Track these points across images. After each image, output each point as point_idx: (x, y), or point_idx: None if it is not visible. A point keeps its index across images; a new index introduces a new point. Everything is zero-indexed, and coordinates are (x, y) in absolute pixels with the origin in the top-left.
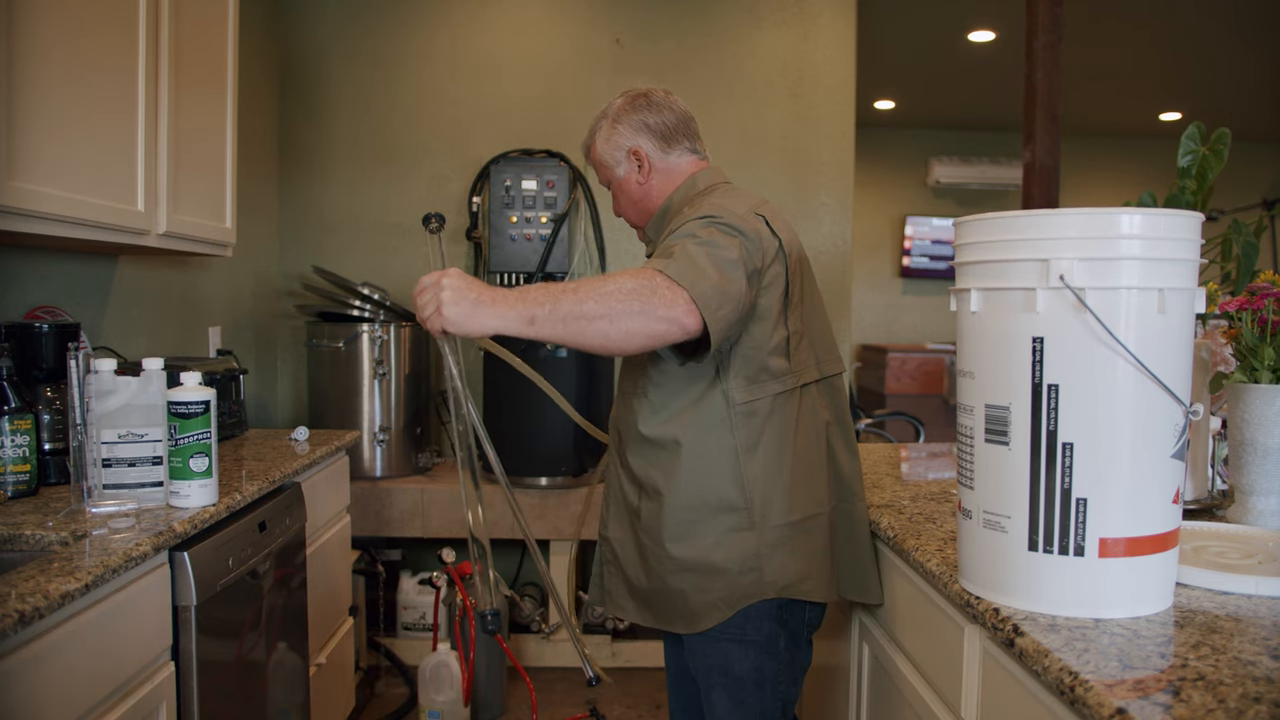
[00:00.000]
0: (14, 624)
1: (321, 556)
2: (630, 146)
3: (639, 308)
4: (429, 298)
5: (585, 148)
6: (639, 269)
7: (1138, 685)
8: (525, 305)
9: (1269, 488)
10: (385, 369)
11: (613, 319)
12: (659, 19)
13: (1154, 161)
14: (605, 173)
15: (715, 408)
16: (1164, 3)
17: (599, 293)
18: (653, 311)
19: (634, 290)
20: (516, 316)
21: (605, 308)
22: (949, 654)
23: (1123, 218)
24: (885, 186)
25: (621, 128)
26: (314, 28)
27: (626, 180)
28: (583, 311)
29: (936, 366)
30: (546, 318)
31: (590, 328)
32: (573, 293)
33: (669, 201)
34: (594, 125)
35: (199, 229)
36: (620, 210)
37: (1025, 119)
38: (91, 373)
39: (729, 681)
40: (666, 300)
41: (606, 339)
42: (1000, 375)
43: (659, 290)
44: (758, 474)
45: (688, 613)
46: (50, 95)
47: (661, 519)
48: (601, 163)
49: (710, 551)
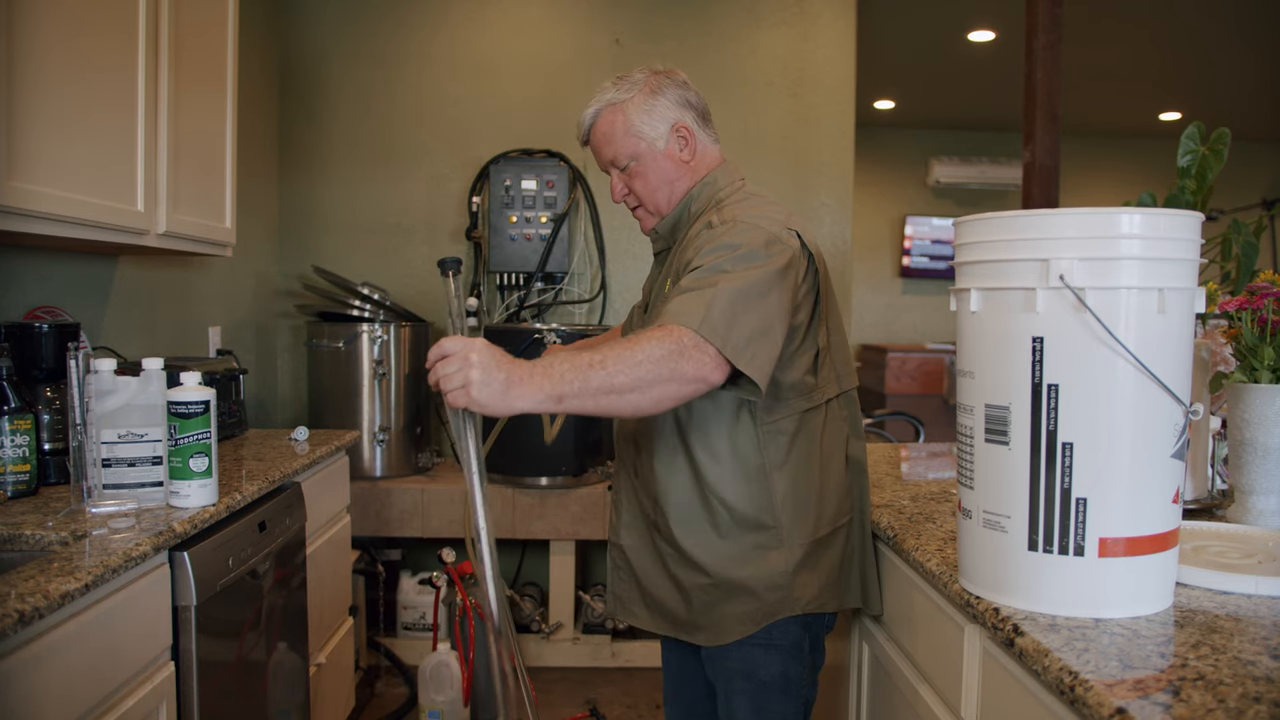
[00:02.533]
0: (14, 624)
1: (321, 556)
2: (676, 120)
3: (668, 374)
4: (455, 370)
5: (592, 118)
6: (666, 327)
7: (1138, 685)
8: (553, 384)
9: (1269, 487)
10: (385, 369)
11: (643, 390)
12: (659, 19)
13: (1154, 161)
14: (632, 145)
15: (744, 425)
16: (1164, 3)
17: (628, 364)
18: (681, 376)
19: (662, 357)
20: (545, 397)
21: (635, 379)
22: (949, 654)
23: (1123, 217)
24: (885, 186)
25: (663, 99)
26: (314, 28)
27: (666, 156)
28: (613, 385)
29: (936, 366)
30: (576, 395)
31: (621, 401)
32: (600, 367)
33: (688, 198)
34: (612, 98)
35: (199, 229)
36: (644, 190)
37: (1025, 119)
38: (91, 373)
39: (753, 687)
40: (695, 361)
41: (639, 409)
42: (1000, 375)
43: (686, 352)
44: (786, 492)
45: (711, 625)
46: (50, 95)
47: (685, 535)
48: (633, 134)
49: (736, 569)
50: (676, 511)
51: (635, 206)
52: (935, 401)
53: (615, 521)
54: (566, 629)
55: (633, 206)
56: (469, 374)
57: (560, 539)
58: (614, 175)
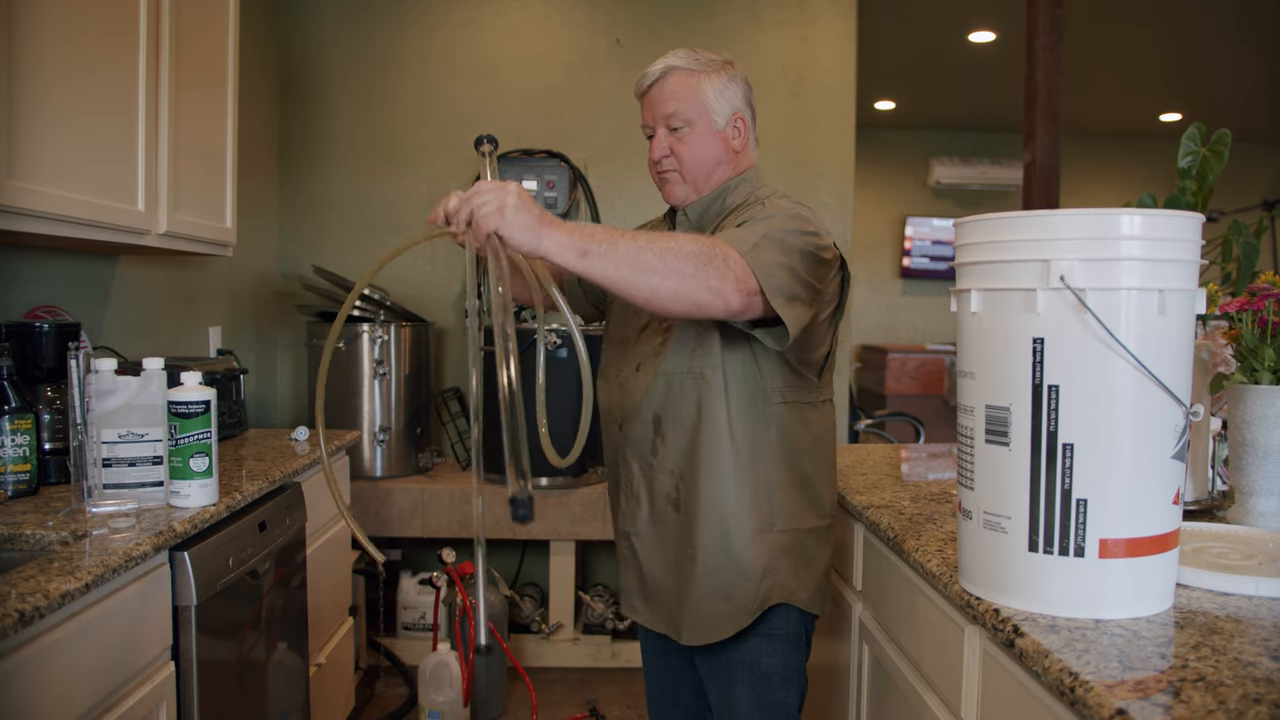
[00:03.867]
0: (14, 624)
1: (321, 556)
2: (738, 109)
3: (693, 272)
4: (490, 198)
5: (661, 73)
6: (713, 238)
7: (1138, 686)
8: (583, 237)
9: (1269, 489)
10: (385, 369)
11: (664, 275)
12: (659, 19)
13: (1154, 162)
14: (695, 111)
15: (745, 405)
16: (1164, 3)
17: (660, 246)
18: (705, 282)
19: (696, 254)
20: (572, 245)
21: (662, 262)
22: (949, 654)
23: (1123, 218)
24: (885, 187)
25: (736, 86)
26: (315, 28)
27: (720, 137)
28: (639, 259)
29: (936, 367)
30: (601, 254)
31: (641, 279)
32: (632, 239)
33: (724, 189)
34: (689, 65)
35: (199, 229)
36: (689, 158)
37: (1025, 119)
38: (92, 372)
39: (755, 678)
40: (723, 275)
41: (654, 295)
42: (1000, 376)
43: (720, 264)
44: (782, 479)
45: (701, 622)
46: (51, 94)
47: (710, 510)
48: (700, 102)
49: (743, 550)
50: (708, 487)
51: (668, 171)
52: (935, 402)
53: (627, 508)
54: (566, 629)
55: (666, 170)
56: (505, 199)
57: (560, 539)
58: (660, 134)
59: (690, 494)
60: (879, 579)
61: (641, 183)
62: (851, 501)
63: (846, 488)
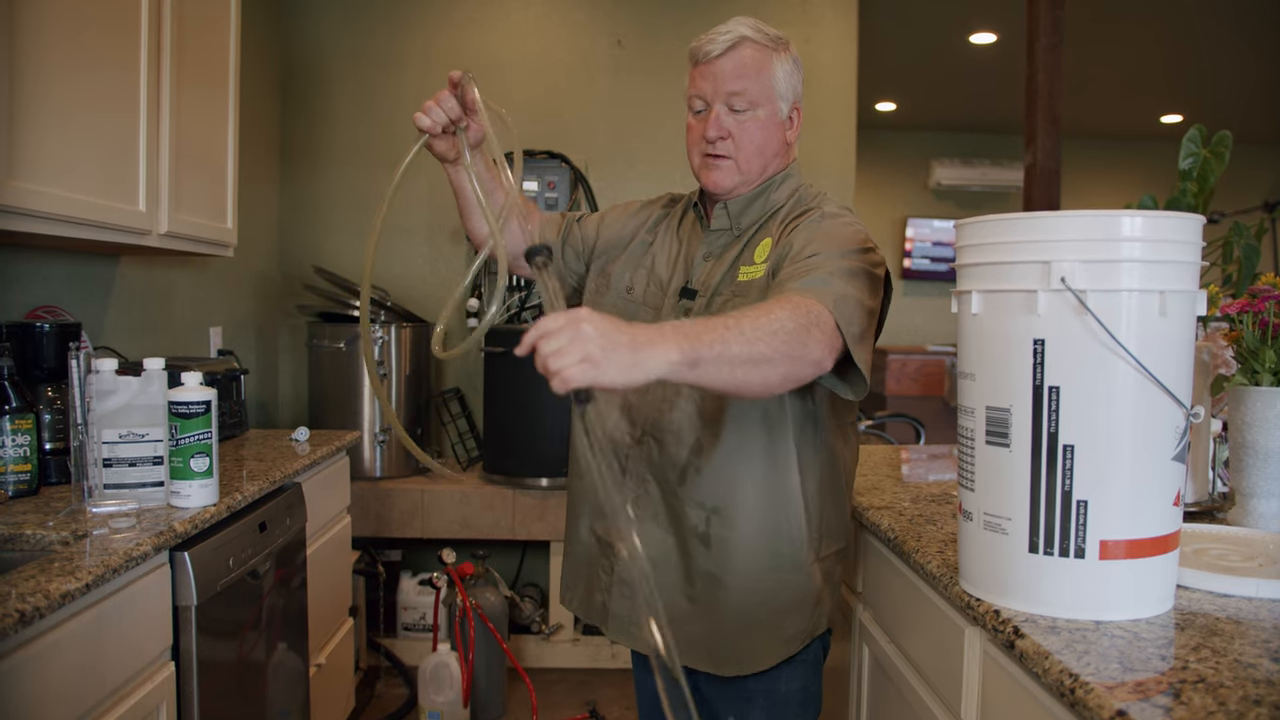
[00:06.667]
0: (14, 624)
1: (322, 557)
2: (799, 97)
3: (798, 350)
4: (567, 342)
5: (737, 40)
6: (797, 299)
7: (1138, 687)
8: (691, 344)
9: (1270, 490)
10: (386, 369)
11: (776, 364)
12: (660, 20)
13: (1155, 164)
14: (764, 94)
15: (805, 432)
16: (1165, 5)
17: (766, 332)
18: (806, 354)
19: (796, 330)
20: (680, 359)
21: (773, 349)
22: (949, 656)
23: (1124, 220)
24: (886, 188)
25: (798, 71)
26: (316, 29)
27: (780, 126)
28: (752, 354)
29: (937, 368)
30: (713, 360)
31: (754, 373)
32: (738, 331)
33: (771, 182)
34: (762, 39)
35: (200, 229)
36: (749, 144)
37: (1026, 121)
38: (92, 372)
39: (772, 703)
40: (819, 342)
41: (765, 386)
42: (1001, 377)
43: (815, 329)
44: (842, 501)
45: (743, 653)
46: (52, 95)
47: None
48: (770, 85)
49: (794, 583)
50: (747, 522)
51: (720, 155)
52: (936, 403)
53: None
54: (567, 630)
55: (719, 154)
56: (587, 346)
57: (561, 540)
58: (719, 111)
59: (727, 529)
60: (879, 580)
61: (642, 183)
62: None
63: None
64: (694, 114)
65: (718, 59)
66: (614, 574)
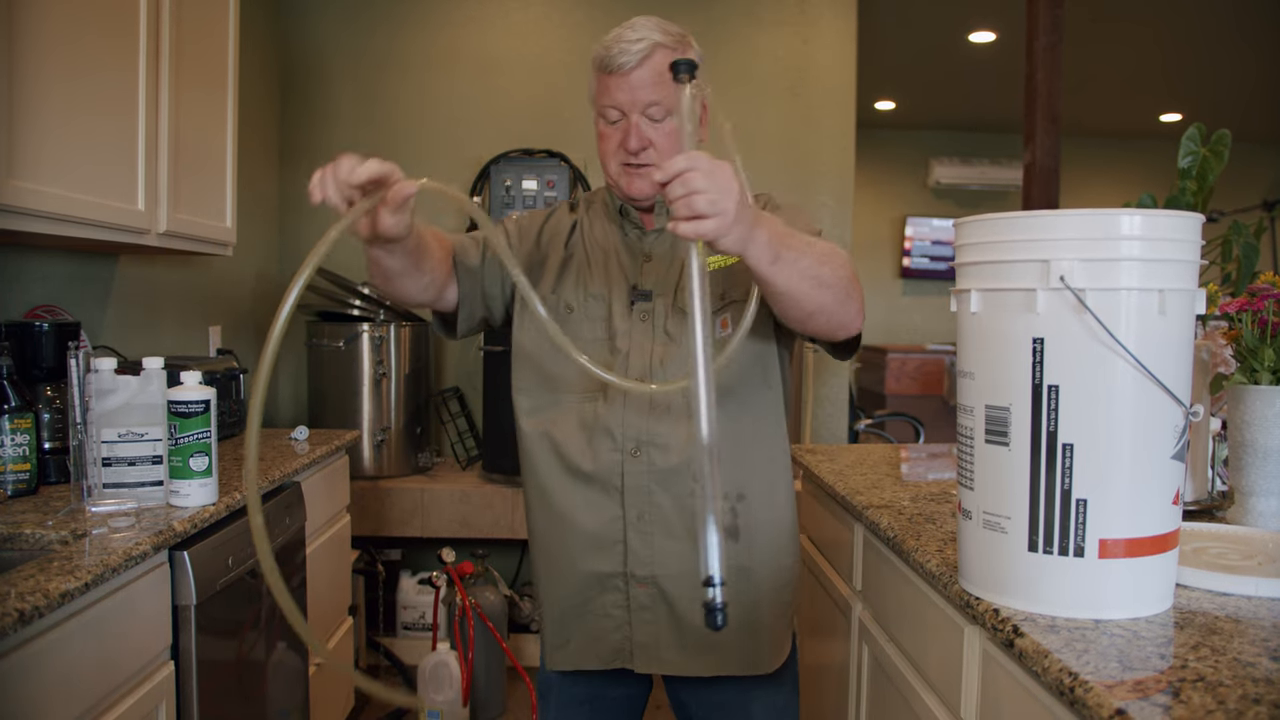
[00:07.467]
0: (14, 623)
1: (321, 556)
2: (704, 94)
3: (845, 294)
4: (717, 193)
5: (650, 50)
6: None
7: (1137, 686)
8: (780, 242)
9: (1269, 489)
10: (385, 369)
11: (832, 290)
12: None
13: (1154, 163)
14: (674, 95)
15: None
16: (1165, 4)
17: (833, 264)
18: (850, 303)
19: (851, 279)
20: (769, 249)
21: (834, 278)
22: (949, 655)
23: (1123, 219)
24: (885, 187)
25: (700, 65)
26: (315, 28)
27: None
28: (819, 275)
29: (936, 367)
30: (790, 263)
31: (814, 292)
32: (811, 247)
33: None
34: (669, 39)
35: (199, 228)
36: (666, 154)
37: (1025, 120)
38: (91, 372)
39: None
40: (858, 301)
41: (821, 309)
42: (1000, 376)
43: (854, 288)
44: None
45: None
46: (51, 94)
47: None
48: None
49: (792, 564)
50: (766, 505)
51: (644, 164)
52: (935, 402)
53: (646, 550)
54: None
55: (642, 164)
56: (727, 204)
57: None
58: (638, 121)
59: (754, 513)
60: (878, 579)
61: None
62: (851, 501)
63: (847, 488)
64: (608, 123)
65: (632, 71)
66: (630, 603)
